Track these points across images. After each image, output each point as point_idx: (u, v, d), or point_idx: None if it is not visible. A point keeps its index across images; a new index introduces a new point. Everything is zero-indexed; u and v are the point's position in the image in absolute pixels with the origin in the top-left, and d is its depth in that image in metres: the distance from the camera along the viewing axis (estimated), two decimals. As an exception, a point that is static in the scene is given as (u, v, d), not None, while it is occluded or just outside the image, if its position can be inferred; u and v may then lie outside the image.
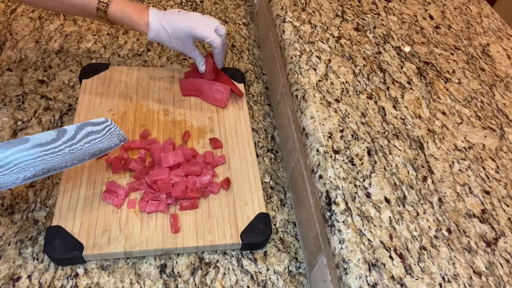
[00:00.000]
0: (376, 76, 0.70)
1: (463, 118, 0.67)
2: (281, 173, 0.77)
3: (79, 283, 0.58)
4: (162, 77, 0.84)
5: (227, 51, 0.97)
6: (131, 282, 0.59)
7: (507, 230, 0.53)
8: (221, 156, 0.72)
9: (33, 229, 0.62)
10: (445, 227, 0.52)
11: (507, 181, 0.59)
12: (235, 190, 0.69)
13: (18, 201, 0.64)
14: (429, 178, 0.57)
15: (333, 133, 0.59)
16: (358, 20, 0.80)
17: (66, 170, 0.66)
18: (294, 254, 0.66)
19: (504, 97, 0.73)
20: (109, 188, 0.64)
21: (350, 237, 0.49)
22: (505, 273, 0.49)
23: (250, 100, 0.88)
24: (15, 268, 0.58)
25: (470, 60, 0.78)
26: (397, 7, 0.87)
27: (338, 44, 0.74)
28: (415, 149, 0.60)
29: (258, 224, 0.65)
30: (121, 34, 0.94)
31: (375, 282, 0.46)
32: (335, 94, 0.65)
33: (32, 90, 0.79)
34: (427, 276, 0.47)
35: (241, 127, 0.79)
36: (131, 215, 0.63)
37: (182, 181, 0.65)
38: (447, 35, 0.83)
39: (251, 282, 0.62)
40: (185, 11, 0.72)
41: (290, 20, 0.76)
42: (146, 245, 0.60)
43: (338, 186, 0.53)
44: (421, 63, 0.75)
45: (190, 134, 0.75)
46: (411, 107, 0.66)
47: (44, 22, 0.93)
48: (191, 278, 0.61)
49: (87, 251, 0.58)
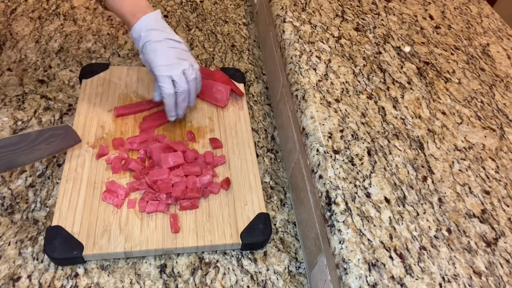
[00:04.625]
0: (376, 76, 0.70)
1: (463, 118, 0.67)
2: (281, 173, 0.77)
3: (79, 283, 0.58)
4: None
5: (227, 51, 0.97)
6: (131, 282, 0.59)
7: (507, 230, 0.53)
8: (221, 156, 0.72)
9: (33, 229, 0.62)
10: (445, 227, 0.52)
11: (507, 181, 0.59)
12: (235, 190, 0.69)
13: (18, 201, 0.64)
14: (429, 178, 0.57)
15: (333, 133, 0.59)
16: (358, 20, 0.80)
17: (66, 170, 0.66)
18: (294, 254, 0.66)
19: (504, 97, 0.73)
20: (109, 188, 0.64)
21: (350, 237, 0.49)
22: (505, 273, 0.49)
23: (250, 100, 0.88)
24: (15, 268, 0.58)
25: (470, 60, 0.78)
26: (397, 7, 0.87)
27: (338, 44, 0.74)
28: (415, 149, 0.60)
29: (258, 224, 0.65)
30: (121, 34, 0.94)
31: (375, 282, 0.46)
32: (335, 94, 0.65)
33: (32, 90, 0.79)
34: (427, 276, 0.47)
35: (241, 127, 0.79)
36: (131, 215, 0.63)
37: (182, 181, 0.65)
38: (447, 35, 0.83)
39: (251, 282, 0.62)
40: (173, 41, 0.66)
41: (290, 20, 0.76)
42: (146, 245, 0.60)
43: (338, 186, 0.53)
44: (421, 63, 0.75)
45: (193, 134, 0.75)
46: (411, 107, 0.66)
47: (44, 22, 0.93)
48: (191, 278, 0.61)
49: (87, 251, 0.58)
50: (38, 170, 0.68)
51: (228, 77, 0.83)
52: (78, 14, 0.97)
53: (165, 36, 0.66)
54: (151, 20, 0.66)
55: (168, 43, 0.66)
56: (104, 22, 0.96)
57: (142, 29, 0.65)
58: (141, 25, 0.65)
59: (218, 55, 0.95)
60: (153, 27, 0.66)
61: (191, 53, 0.71)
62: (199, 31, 1.00)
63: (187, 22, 1.02)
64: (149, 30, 0.65)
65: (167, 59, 0.65)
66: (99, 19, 0.97)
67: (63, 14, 0.96)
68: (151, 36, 0.65)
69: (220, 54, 0.96)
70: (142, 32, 0.65)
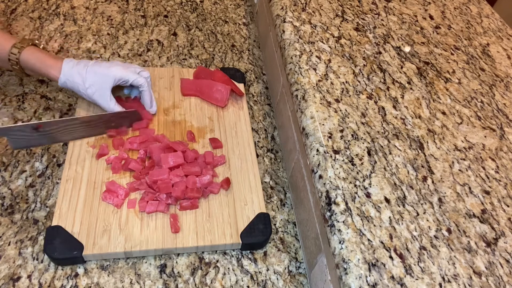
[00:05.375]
0: (376, 76, 0.70)
1: (463, 118, 0.67)
2: (281, 173, 0.77)
3: (79, 283, 0.58)
4: (162, 77, 0.84)
5: (227, 51, 0.97)
6: (131, 282, 0.59)
7: (507, 230, 0.53)
8: (221, 156, 0.72)
9: (33, 229, 0.62)
10: (445, 227, 0.52)
11: (507, 181, 0.59)
12: (235, 190, 0.69)
13: (18, 201, 0.64)
14: (429, 178, 0.57)
15: (333, 133, 0.59)
16: (358, 20, 0.80)
17: (66, 170, 0.66)
18: (294, 254, 0.66)
19: (504, 97, 0.73)
20: (109, 188, 0.64)
21: (350, 237, 0.49)
22: (505, 273, 0.49)
23: (250, 100, 0.88)
24: (15, 268, 0.58)
25: (470, 60, 0.78)
26: (397, 7, 0.87)
27: (338, 44, 0.74)
28: (415, 149, 0.60)
29: (258, 224, 0.65)
30: (121, 34, 0.94)
31: (375, 282, 0.46)
32: (335, 94, 0.65)
33: (32, 90, 0.79)
34: (427, 276, 0.47)
35: (241, 127, 0.79)
36: (131, 215, 0.63)
37: (182, 181, 0.65)
38: (447, 35, 0.83)
39: (251, 282, 0.62)
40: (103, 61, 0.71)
41: (290, 20, 0.76)
42: (146, 245, 0.60)
43: (338, 186, 0.53)
44: (421, 63, 0.75)
45: (194, 134, 0.75)
46: (411, 107, 0.66)
47: (44, 22, 0.93)
48: (191, 278, 0.61)
49: (87, 251, 0.58)
50: (38, 170, 0.68)
51: (228, 77, 0.83)
52: (78, 14, 0.97)
53: (94, 61, 0.71)
54: (71, 59, 0.70)
55: (104, 61, 0.72)
56: (104, 22, 0.96)
57: (73, 62, 0.69)
58: (68, 61, 0.69)
59: (218, 55, 0.95)
60: (78, 61, 0.70)
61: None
62: (199, 31, 1.00)
63: (187, 22, 1.02)
64: (80, 62, 0.69)
65: (121, 64, 0.71)
66: (99, 19, 0.97)
67: (63, 14, 0.96)
68: (86, 61, 0.69)
69: (220, 54, 0.96)
70: (75, 64, 0.68)
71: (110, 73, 0.68)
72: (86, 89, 0.68)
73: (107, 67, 0.69)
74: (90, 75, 0.68)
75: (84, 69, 0.68)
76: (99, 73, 0.68)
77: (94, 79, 0.68)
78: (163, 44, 0.95)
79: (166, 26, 0.99)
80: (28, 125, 0.65)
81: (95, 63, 0.69)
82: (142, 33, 0.96)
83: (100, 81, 0.68)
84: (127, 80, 0.70)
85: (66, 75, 0.67)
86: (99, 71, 0.68)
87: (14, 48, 0.66)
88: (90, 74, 0.68)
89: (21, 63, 0.67)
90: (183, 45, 0.95)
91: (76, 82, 0.68)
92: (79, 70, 0.68)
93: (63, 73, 0.67)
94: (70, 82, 0.68)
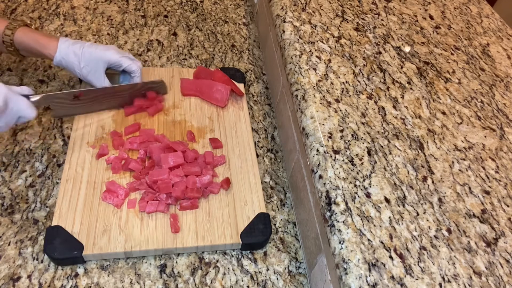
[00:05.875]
0: (376, 76, 0.70)
1: (463, 118, 0.67)
2: (281, 173, 0.77)
3: (79, 283, 0.58)
4: (162, 77, 0.84)
5: (227, 51, 0.97)
6: (131, 282, 0.59)
7: (507, 230, 0.53)
8: (221, 156, 0.72)
9: (33, 229, 0.62)
10: (445, 227, 0.52)
11: (507, 181, 0.59)
12: (235, 190, 0.69)
13: (18, 201, 0.64)
14: (429, 178, 0.57)
15: (333, 133, 0.59)
16: (358, 20, 0.80)
17: (66, 170, 0.66)
18: (294, 254, 0.66)
19: (504, 97, 0.73)
20: (109, 188, 0.64)
21: (350, 237, 0.49)
22: (505, 273, 0.49)
23: (250, 100, 0.88)
24: (15, 268, 0.58)
25: (470, 60, 0.78)
26: (397, 7, 0.87)
27: (338, 44, 0.74)
28: (415, 149, 0.60)
29: (258, 224, 0.65)
30: (121, 34, 0.94)
31: (375, 282, 0.46)
32: (335, 94, 0.65)
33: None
34: (427, 276, 0.47)
35: (241, 127, 0.79)
36: (131, 215, 0.63)
37: (182, 181, 0.65)
38: (447, 35, 0.83)
39: (251, 282, 0.62)
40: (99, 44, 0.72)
41: (290, 20, 0.76)
42: (146, 245, 0.60)
43: (338, 186, 0.53)
44: (421, 63, 0.75)
45: (194, 134, 0.75)
46: (411, 107, 0.66)
47: (44, 22, 0.93)
48: (191, 278, 0.61)
49: (87, 251, 0.58)
50: (38, 170, 0.68)
51: (228, 77, 0.83)
52: (78, 14, 0.97)
53: (90, 42, 0.71)
54: (67, 38, 0.70)
55: (92, 43, 0.71)
56: (104, 22, 0.96)
57: (69, 42, 0.69)
58: (64, 40, 0.69)
59: (218, 55, 0.95)
60: (74, 41, 0.70)
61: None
62: (199, 31, 1.00)
63: (187, 22, 1.02)
64: (76, 42, 0.69)
65: (116, 48, 0.72)
66: (99, 19, 0.97)
67: (63, 14, 0.96)
68: (82, 42, 0.70)
69: (220, 54, 0.96)
70: (71, 43, 0.69)
71: (106, 56, 0.70)
72: (81, 68, 0.69)
73: (103, 49, 0.70)
74: (86, 55, 0.69)
75: (80, 50, 0.68)
76: (95, 54, 0.69)
77: (90, 59, 0.69)
78: (163, 44, 0.95)
79: (166, 26, 0.99)
80: (71, 92, 0.68)
81: (92, 45, 0.70)
82: (142, 33, 0.96)
83: (95, 62, 0.69)
84: (121, 64, 0.71)
85: (62, 53, 0.68)
86: (95, 52, 0.69)
87: (7, 29, 0.66)
88: (86, 54, 0.69)
89: (16, 44, 0.67)
90: (183, 45, 0.96)
91: (71, 62, 0.69)
92: (75, 50, 0.68)
93: (59, 51, 0.68)
94: (65, 61, 0.69)
